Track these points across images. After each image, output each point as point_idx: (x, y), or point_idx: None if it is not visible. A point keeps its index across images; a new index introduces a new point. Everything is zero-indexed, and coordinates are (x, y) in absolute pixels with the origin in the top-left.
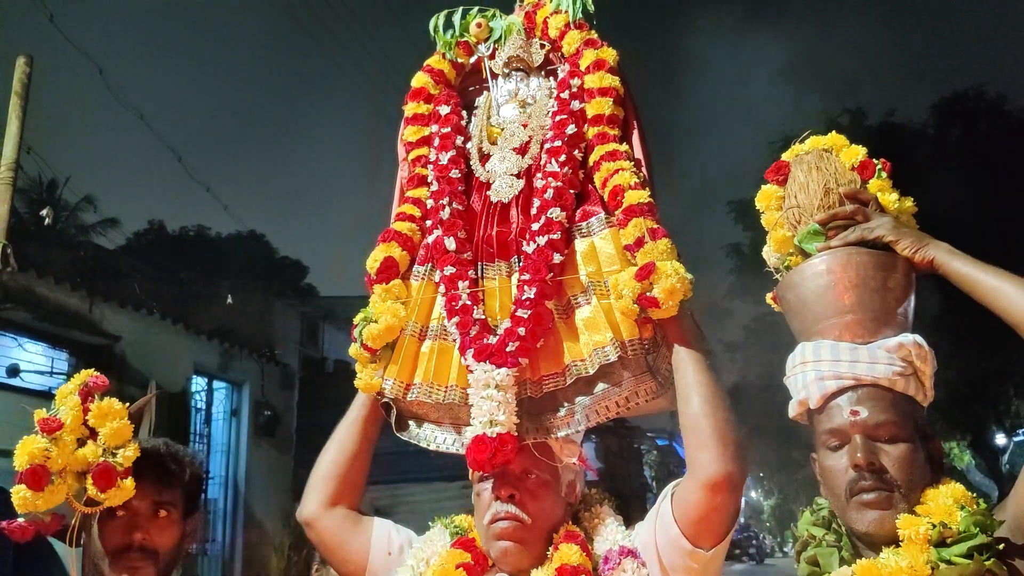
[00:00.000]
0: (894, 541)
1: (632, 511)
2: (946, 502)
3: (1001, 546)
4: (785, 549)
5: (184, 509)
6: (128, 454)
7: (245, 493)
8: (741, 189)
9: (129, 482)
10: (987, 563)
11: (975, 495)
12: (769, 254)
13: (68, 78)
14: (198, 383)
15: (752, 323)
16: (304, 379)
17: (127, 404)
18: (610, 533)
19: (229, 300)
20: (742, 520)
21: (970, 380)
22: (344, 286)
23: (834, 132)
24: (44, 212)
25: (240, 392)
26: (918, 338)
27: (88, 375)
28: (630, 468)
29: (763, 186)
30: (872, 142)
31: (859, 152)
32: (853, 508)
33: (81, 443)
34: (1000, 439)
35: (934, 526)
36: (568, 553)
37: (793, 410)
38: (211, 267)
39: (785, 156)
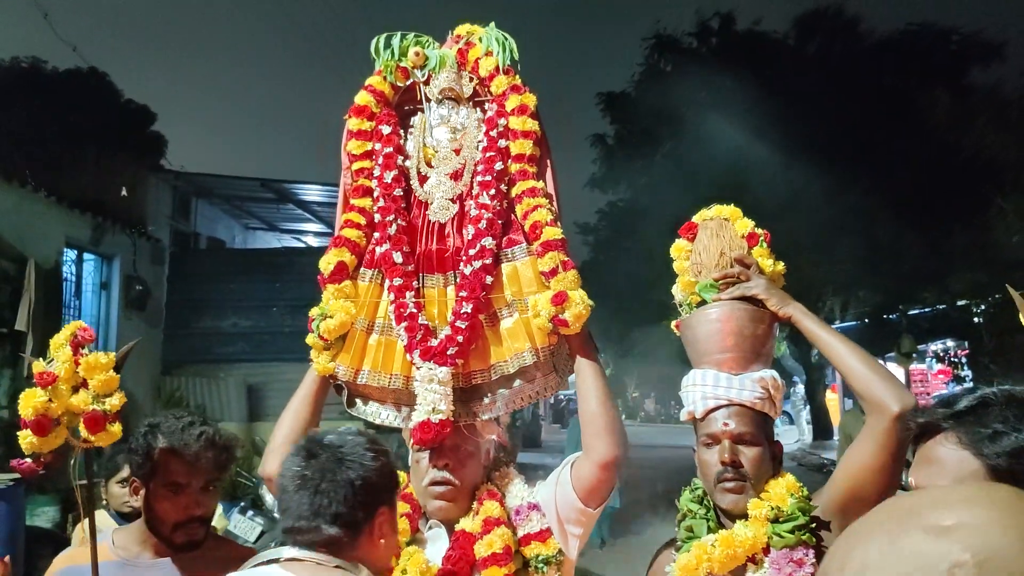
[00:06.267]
0: (745, 516)
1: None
2: (781, 491)
3: (814, 524)
4: None
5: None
6: (114, 402)
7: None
8: (611, 82)
9: (116, 427)
10: (803, 537)
11: (800, 484)
12: (677, 291)
13: None
14: (68, 255)
15: (606, 207)
16: (175, 254)
17: (113, 353)
18: (518, 491)
19: (124, 193)
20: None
21: (798, 280)
22: (210, 161)
23: (732, 205)
24: None
25: (110, 265)
26: (775, 373)
27: (76, 327)
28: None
29: (676, 239)
30: (738, 47)
31: (748, 225)
32: (719, 491)
33: (75, 389)
34: None
35: (772, 508)
36: (491, 507)
37: (683, 416)
38: (47, 105)
39: (695, 218)
